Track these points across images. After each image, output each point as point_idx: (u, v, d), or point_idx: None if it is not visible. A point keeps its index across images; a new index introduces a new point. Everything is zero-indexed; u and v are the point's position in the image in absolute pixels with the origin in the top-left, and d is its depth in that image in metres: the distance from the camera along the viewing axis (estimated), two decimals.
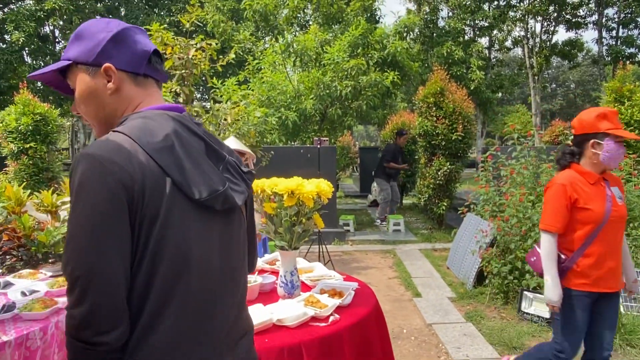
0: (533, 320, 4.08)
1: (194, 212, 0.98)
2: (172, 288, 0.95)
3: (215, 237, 1.04)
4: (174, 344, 0.95)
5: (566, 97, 45.84)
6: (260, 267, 2.67)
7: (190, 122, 1.07)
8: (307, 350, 1.63)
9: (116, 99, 1.05)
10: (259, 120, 6.14)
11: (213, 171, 1.03)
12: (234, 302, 1.10)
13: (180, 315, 0.96)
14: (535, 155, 5.29)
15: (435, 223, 8.66)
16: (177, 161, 0.96)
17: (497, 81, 20.90)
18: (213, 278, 1.03)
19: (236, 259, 1.12)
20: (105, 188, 0.89)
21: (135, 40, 1.06)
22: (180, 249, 0.96)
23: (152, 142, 0.95)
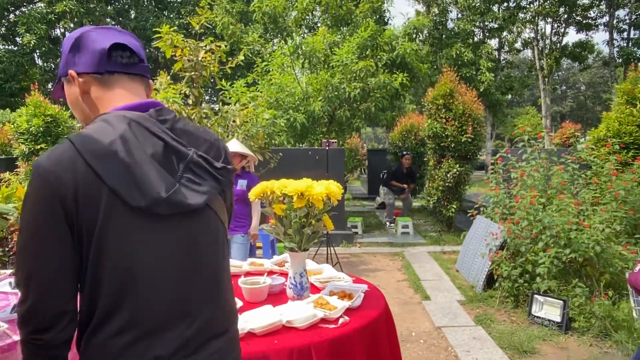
0: (544, 324, 4.03)
1: (138, 220, 0.98)
2: (120, 294, 0.97)
3: (170, 242, 1.02)
4: (125, 344, 0.97)
5: (576, 99, 45.46)
6: (269, 268, 2.67)
7: (149, 122, 1.03)
8: (316, 352, 1.62)
9: (88, 101, 1.09)
10: (267, 122, 6.15)
11: (160, 175, 0.99)
12: (204, 303, 1.07)
13: (130, 319, 0.97)
14: (545, 157, 5.25)
15: (444, 225, 8.61)
16: (117, 168, 0.95)
17: (507, 83, 20.79)
18: (168, 282, 1.02)
19: (205, 260, 1.08)
20: (42, 199, 0.94)
21: (93, 41, 1.06)
22: (122, 257, 0.97)
23: (94, 149, 0.95)
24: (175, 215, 1.01)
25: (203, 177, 1.06)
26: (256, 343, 1.64)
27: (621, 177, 5.09)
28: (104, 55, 1.06)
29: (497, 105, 19.42)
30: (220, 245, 1.12)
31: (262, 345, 1.62)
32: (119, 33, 1.11)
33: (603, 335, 3.76)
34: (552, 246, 4.19)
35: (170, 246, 1.02)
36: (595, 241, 4.06)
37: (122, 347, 0.97)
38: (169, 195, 0.98)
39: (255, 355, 1.57)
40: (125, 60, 1.09)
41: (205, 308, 1.07)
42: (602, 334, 3.77)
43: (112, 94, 1.08)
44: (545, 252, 4.19)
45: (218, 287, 1.11)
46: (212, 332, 1.08)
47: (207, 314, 1.07)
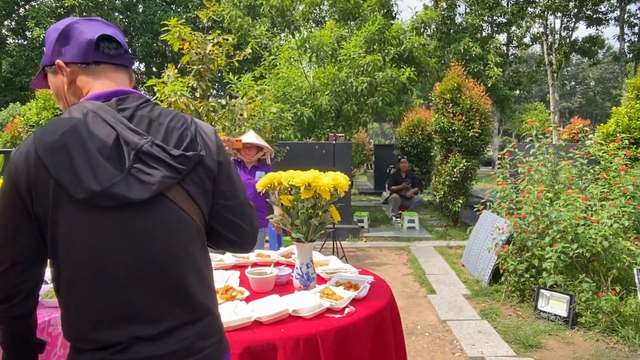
0: (550, 318, 4.03)
1: (83, 211, 0.99)
2: (74, 283, 1.02)
3: (114, 234, 1.01)
4: (87, 330, 1.02)
5: (586, 95, 45.05)
6: (276, 259, 2.69)
7: (106, 112, 1.03)
8: (322, 341, 1.64)
9: (73, 91, 1.12)
10: (274, 115, 6.16)
11: (102, 167, 0.98)
12: (161, 294, 1.05)
13: (86, 308, 1.02)
14: (553, 152, 5.22)
15: (450, 220, 8.60)
16: (63, 161, 0.97)
17: (515, 78, 20.64)
18: (117, 273, 1.01)
19: (158, 252, 1.04)
20: (6, 190, 1.03)
21: (80, 32, 1.09)
22: (74, 248, 1.00)
23: (46, 142, 0.99)
24: (123, 207, 1.00)
25: (154, 166, 1.02)
26: (263, 331, 1.66)
27: (630, 173, 5.05)
28: (91, 45, 1.09)
29: (505, 100, 19.29)
30: (180, 236, 1.07)
31: (268, 334, 1.64)
32: (105, 25, 1.13)
33: (610, 330, 3.75)
34: (559, 241, 4.18)
35: (115, 236, 1.01)
36: (603, 236, 4.04)
37: (87, 329, 1.02)
38: (106, 188, 0.97)
39: (262, 343, 1.59)
40: (112, 52, 1.12)
41: (165, 297, 1.05)
42: (609, 329, 3.76)
43: (98, 83, 1.10)
44: (552, 247, 4.18)
45: (180, 277, 1.07)
46: (175, 322, 1.06)
47: (163, 304, 1.05)
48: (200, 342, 1.10)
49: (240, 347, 1.56)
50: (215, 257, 2.71)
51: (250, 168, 3.91)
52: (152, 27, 20.58)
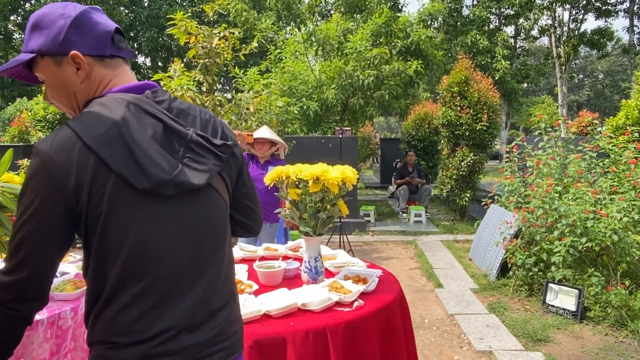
0: (558, 312, 4.01)
1: (143, 201, 0.99)
2: (127, 271, 0.98)
3: (172, 222, 1.03)
4: (135, 317, 0.99)
5: (594, 88, 44.61)
6: (284, 253, 2.69)
7: (147, 104, 1.04)
8: (331, 334, 1.63)
9: (87, 85, 1.05)
10: (280, 109, 6.15)
11: (163, 157, 1.00)
12: (207, 279, 1.08)
13: (137, 294, 0.99)
14: (562, 145, 5.17)
15: (457, 214, 8.57)
16: (121, 152, 0.95)
17: (523, 71, 20.44)
18: (171, 261, 1.03)
19: (206, 237, 1.09)
20: (43, 184, 0.93)
21: (96, 22, 1.04)
22: (129, 238, 0.98)
23: (97, 134, 0.95)
24: (178, 196, 1.03)
25: (204, 155, 1.07)
26: (272, 324, 1.66)
27: None
28: (108, 38, 1.05)
29: (513, 93, 19.12)
30: (221, 222, 1.13)
31: (278, 327, 1.64)
32: (107, 18, 1.10)
33: (619, 324, 3.73)
34: (568, 235, 4.15)
35: (173, 224, 1.03)
36: (613, 230, 4.00)
37: (132, 320, 0.99)
38: (173, 176, 0.99)
39: (271, 336, 1.59)
40: (123, 45, 1.10)
41: (207, 282, 1.08)
42: (618, 323, 3.74)
43: (117, 77, 1.07)
44: (560, 241, 4.15)
45: (218, 263, 1.12)
46: (213, 307, 1.09)
47: (209, 288, 1.08)
48: (229, 328, 1.12)
49: (249, 340, 1.56)
50: None
51: (263, 163, 3.90)
52: (157, 21, 20.57)
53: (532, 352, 3.37)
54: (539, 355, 3.31)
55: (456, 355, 3.38)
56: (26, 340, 1.83)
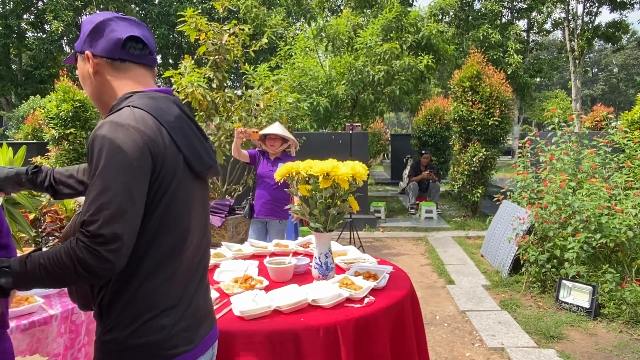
0: (571, 309, 3.96)
1: (194, 183, 1.21)
2: (173, 243, 1.15)
3: (201, 203, 1.27)
4: (166, 288, 1.15)
5: (608, 82, 43.91)
6: (294, 249, 2.69)
7: (184, 106, 1.25)
8: (342, 330, 1.63)
9: (99, 80, 1.21)
10: (290, 106, 6.14)
11: (204, 148, 1.25)
12: (205, 255, 1.32)
13: (175, 265, 1.16)
14: (576, 140, 5.10)
15: (469, 210, 8.50)
16: (187, 140, 1.18)
17: (536, 65, 20.16)
18: (199, 237, 1.26)
19: (206, 217, 1.33)
20: (138, 148, 1.06)
21: (112, 30, 1.19)
22: (183, 213, 1.17)
23: (170, 121, 1.15)
24: (202, 181, 1.28)
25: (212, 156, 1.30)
26: (283, 320, 1.66)
27: None
28: (119, 44, 1.19)
29: (525, 88, 18.89)
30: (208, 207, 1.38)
31: (288, 323, 1.64)
32: (137, 25, 1.24)
33: (634, 322, 3.68)
34: (582, 231, 4.09)
35: (201, 205, 1.27)
36: (628, 226, 3.94)
37: (170, 294, 1.17)
38: (216, 164, 1.28)
39: (281, 331, 1.59)
40: (137, 52, 1.22)
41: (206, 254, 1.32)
42: (633, 320, 3.68)
43: (122, 79, 1.21)
44: (574, 237, 4.09)
45: (207, 236, 1.34)
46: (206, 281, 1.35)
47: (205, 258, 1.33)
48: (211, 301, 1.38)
49: (260, 335, 1.56)
50: (233, 247, 2.72)
51: (274, 159, 3.90)
52: (168, 18, 20.66)
53: (544, 349, 3.33)
54: (551, 352, 3.28)
55: (468, 351, 3.36)
56: (40, 334, 1.86)
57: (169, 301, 1.15)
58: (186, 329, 1.18)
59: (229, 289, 1.96)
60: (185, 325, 1.18)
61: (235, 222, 5.67)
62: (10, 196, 1.84)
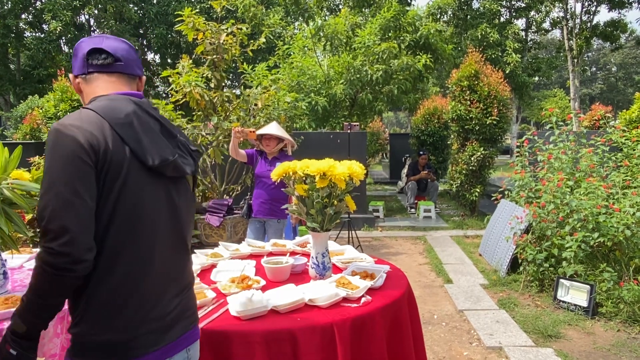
0: (569, 308, 3.97)
1: (148, 177, 1.22)
2: (126, 235, 1.17)
3: (163, 199, 1.27)
4: (125, 282, 1.17)
5: (607, 81, 43.93)
6: (292, 249, 2.69)
7: (148, 107, 1.30)
8: (338, 330, 1.63)
9: (83, 95, 1.33)
10: (289, 105, 6.13)
11: (165, 145, 1.27)
12: (179, 257, 1.32)
13: (131, 259, 1.18)
14: (574, 139, 5.10)
15: (467, 210, 8.50)
16: (134, 135, 1.20)
17: (534, 64, 20.15)
18: (159, 232, 1.24)
19: (182, 220, 1.33)
20: (77, 144, 1.11)
21: (81, 48, 1.30)
22: (136, 205, 1.19)
23: (116, 118, 1.19)
24: (169, 179, 1.29)
25: (186, 154, 1.34)
26: (280, 320, 1.66)
27: None
28: (84, 59, 1.29)
29: (524, 87, 18.87)
30: (188, 209, 1.38)
31: (285, 322, 1.64)
32: (105, 39, 1.32)
33: (631, 320, 3.68)
34: (580, 230, 4.10)
35: (162, 202, 1.27)
36: (625, 225, 3.95)
37: (131, 294, 1.17)
38: (175, 159, 1.26)
39: (278, 331, 1.59)
40: (100, 62, 1.29)
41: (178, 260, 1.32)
42: (631, 319, 3.69)
43: (92, 89, 1.30)
44: (572, 236, 4.10)
45: (186, 243, 1.36)
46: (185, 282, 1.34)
47: (180, 265, 1.33)
48: (192, 303, 1.37)
49: (257, 335, 1.56)
50: (230, 247, 2.72)
51: (271, 159, 3.90)
52: (166, 18, 20.61)
53: (542, 348, 3.34)
54: (549, 351, 3.28)
55: (465, 351, 3.37)
56: None
57: (130, 301, 1.16)
58: (151, 330, 1.18)
59: (225, 288, 1.96)
60: (150, 327, 1.18)
61: (234, 221, 5.66)
62: (6, 196, 1.83)
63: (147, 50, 24.64)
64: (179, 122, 5.68)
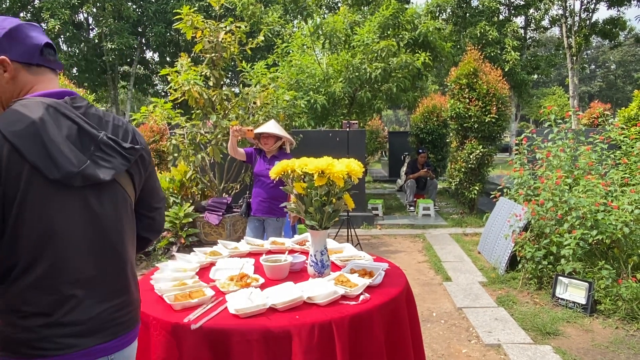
0: (568, 306, 3.98)
1: (54, 190, 1.15)
2: (36, 249, 1.14)
3: (78, 209, 1.20)
4: (38, 290, 1.15)
5: (606, 79, 43.95)
6: (291, 247, 2.69)
7: (65, 108, 1.21)
8: (337, 328, 1.63)
9: (12, 86, 1.22)
10: (287, 103, 6.14)
11: (73, 153, 1.17)
12: (107, 263, 1.26)
13: (44, 269, 1.15)
14: (573, 137, 5.11)
15: (466, 208, 8.51)
16: (36, 146, 1.12)
17: (533, 62, 20.14)
18: (74, 242, 1.19)
19: (107, 227, 1.26)
20: None
21: (28, 36, 1.22)
22: (41, 219, 1.14)
23: (15, 129, 1.11)
24: (85, 187, 1.20)
25: (112, 155, 1.25)
26: (278, 318, 1.66)
27: None
28: (37, 50, 1.23)
29: (523, 85, 18.87)
30: (124, 215, 1.32)
31: (283, 320, 1.64)
32: (43, 33, 1.28)
33: (630, 318, 3.69)
34: (578, 227, 4.11)
35: (81, 213, 1.21)
36: (624, 222, 3.95)
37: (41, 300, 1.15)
38: (81, 169, 1.17)
39: (277, 329, 1.59)
40: (52, 58, 1.28)
41: (106, 265, 1.26)
42: (629, 316, 3.70)
43: (38, 83, 1.25)
44: (570, 234, 4.11)
45: (115, 250, 1.29)
46: (119, 292, 1.29)
47: (107, 271, 1.27)
48: (126, 310, 1.31)
49: (255, 333, 1.56)
50: (229, 245, 2.72)
51: (270, 157, 3.90)
52: (165, 16, 20.58)
53: (541, 345, 3.35)
54: (548, 348, 3.29)
55: (464, 348, 3.38)
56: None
57: (42, 306, 1.16)
58: (65, 334, 1.18)
59: (224, 287, 1.96)
60: (64, 332, 1.18)
61: (233, 220, 5.67)
62: None
63: (146, 48, 24.59)
64: (177, 120, 5.68)
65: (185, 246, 5.63)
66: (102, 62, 21.71)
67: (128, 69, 24.40)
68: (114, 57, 20.75)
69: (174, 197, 5.90)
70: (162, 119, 5.63)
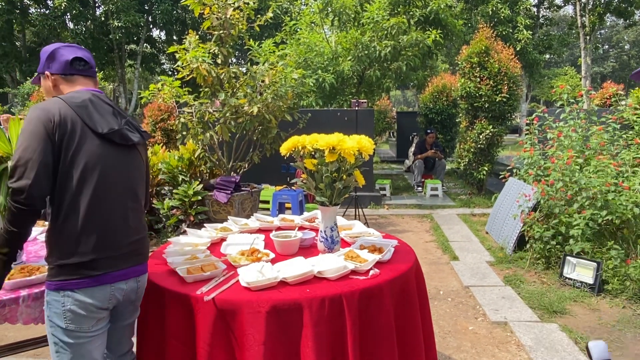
0: (575, 285, 3.98)
1: (100, 143, 1.61)
2: (82, 185, 1.56)
3: (115, 160, 1.65)
4: (84, 220, 1.56)
5: (619, 59, 43.07)
6: (300, 224, 2.70)
7: (104, 97, 1.71)
8: (347, 301, 1.65)
9: (56, 90, 1.71)
10: (296, 82, 6.09)
11: (114, 120, 1.67)
12: (131, 205, 1.70)
13: (87, 204, 1.56)
14: (585, 117, 5.04)
15: (474, 188, 8.48)
16: (87, 113, 1.61)
17: (545, 41, 19.78)
18: (110, 185, 1.63)
19: (132, 177, 1.73)
20: (39, 121, 1.52)
21: (61, 54, 1.70)
22: (88, 163, 1.57)
23: (74, 101, 1.60)
24: (122, 147, 1.69)
25: (133, 131, 1.74)
26: (289, 291, 1.68)
27: None
28: (68, 63, 1.70)
29: (534, 65, 18.57)
30: (141, 173, 1.80)
31: (294, 293, 1.66)
32: (79, 49, 1.75)
33: (637, 297, 3.70)
34: (588, 208, 4.08)
35: (116, 163, 1.66)
36: (634, 203, 3.93)
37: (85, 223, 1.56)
38: (120, 128, 1.66)
39: (288, 301, 1.61)
40: (81, 67, 1.73)
41: (131, 212, 1.71)
42: (637, 296, 3.70)
43: (73, 85, 1.71)
44: (580, 214, 4.09)
45: (138, 198, 1.77)
46: (137, 232, 1.72)
47: (133, 216, 1.72)
48: (142, 245, 1.76)
49: (267, 305, 1.59)
50: (240, 221, 2.75)
51: None
52: None
53: (547, 323, 3.37)
54: (554, 326, 3.31)
55: (471, 325, 3.41)
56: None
57: (89, 234, 1.56)
58: (108, 256, 1.60)
59: (236, 261, 1.98)
60: (106, 254, 1.60)
61: (241, 198, 5.69)
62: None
63: (152, 26, 24.40)
64: (185, 98, 5.67)
65: (194, 224, 5.68)
66: (109, 41, 21.61)
67: (135, 47, 24.27)
68: (120, 35, 20.64)
69: (182, 175, 5.93)
70: (170, 97, 5.62)
